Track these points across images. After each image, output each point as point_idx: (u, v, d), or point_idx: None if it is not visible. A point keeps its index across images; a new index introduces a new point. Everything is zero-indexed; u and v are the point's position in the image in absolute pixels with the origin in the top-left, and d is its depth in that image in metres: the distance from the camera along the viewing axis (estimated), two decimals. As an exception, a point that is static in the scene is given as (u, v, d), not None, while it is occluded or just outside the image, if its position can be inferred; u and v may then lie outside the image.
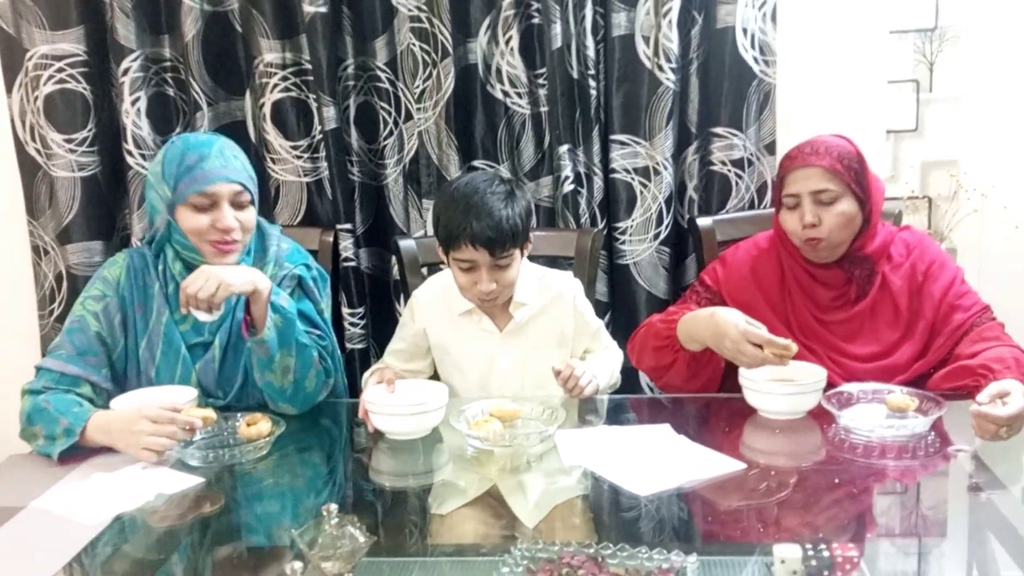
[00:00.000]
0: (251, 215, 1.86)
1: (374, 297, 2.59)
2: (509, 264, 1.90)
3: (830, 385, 1.76)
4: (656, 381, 2.06)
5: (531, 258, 2.45)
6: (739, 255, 2.06)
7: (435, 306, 2.05)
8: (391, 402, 1.72)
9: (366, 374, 1.99)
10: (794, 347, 1.70)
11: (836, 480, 1.51)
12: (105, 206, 2.54)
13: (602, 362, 2.02)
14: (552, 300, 2.02)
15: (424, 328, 2.06)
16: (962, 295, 1.91)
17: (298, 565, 1.08)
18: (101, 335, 1.84)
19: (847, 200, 1.86)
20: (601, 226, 2.47)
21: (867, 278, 1.92)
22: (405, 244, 2.31)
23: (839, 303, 1.94)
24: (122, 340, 1.87)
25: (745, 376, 1.75)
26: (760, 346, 1.70)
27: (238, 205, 1.82)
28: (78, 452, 1.67)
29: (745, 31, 2.37)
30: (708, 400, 1.98)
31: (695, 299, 2.04)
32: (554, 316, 2.03)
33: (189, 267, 1.83)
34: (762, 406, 1.74)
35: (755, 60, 2.39)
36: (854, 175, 1.86)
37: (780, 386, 1.71)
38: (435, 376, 2.11)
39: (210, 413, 1.68)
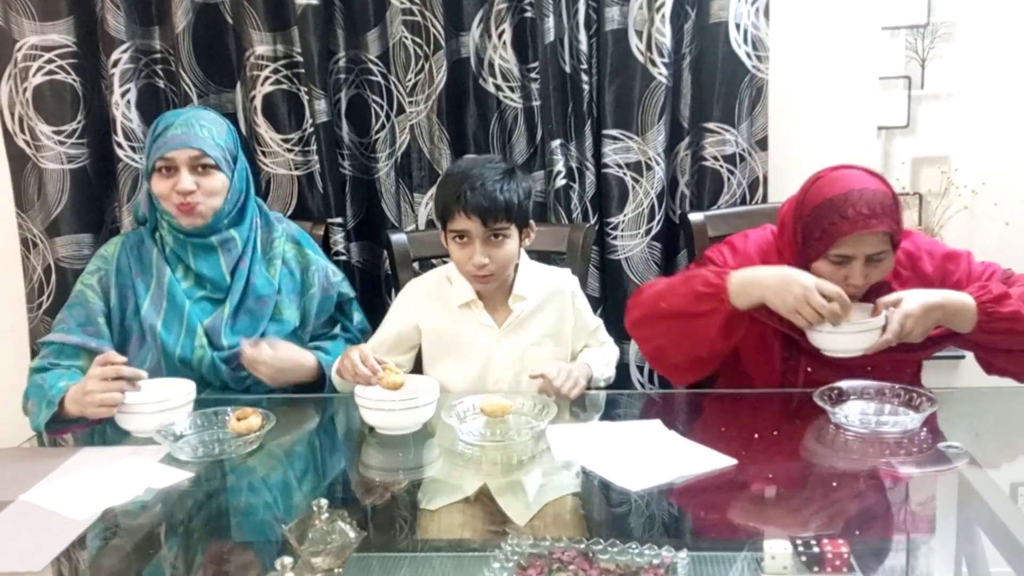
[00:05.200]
0: (215, 181, 1.94)
1: (365, 291, 2.58)
2: (504, 241, 1.90)
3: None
4: (663, 335, 1.90)
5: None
6: (750, 246, 1.97)
7: (431, 299, 2.04)
8: (382, 397, 1.71)
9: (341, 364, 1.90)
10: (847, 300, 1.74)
11: (827, 476, 1.52)
12: (94, 198, 2.53)
13: (596, 355, 2.02)
14: (551, 296, 2.03)
15: (416, 323, 2.05)
16: (983, 271, 1.88)
17: (288, 560, 1.08)
18: (99, 306, 1.97)
19: (891, 254, 1.80)
20: (593, 221, 2.47)
21: None
22: (396, 238, 2.31)
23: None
24: (117, 306, 1.98)
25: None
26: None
27: (200, 171, 1.92)
28: (62, 427, 1.78)
29: (738, 26, 2.37)
30: (699, 396, 1.97)
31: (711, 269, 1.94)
32: (553, 311, 2.03)
33: (177, 238, 1.98)
34: (824, 345, 1.76)
35: (748, 55, 2.39)
36: (899, 226, 1.78)
37: (846, 325, 1.73)
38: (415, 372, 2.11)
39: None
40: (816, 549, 1.17)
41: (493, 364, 2.00)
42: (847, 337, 1.74)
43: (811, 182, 1.84)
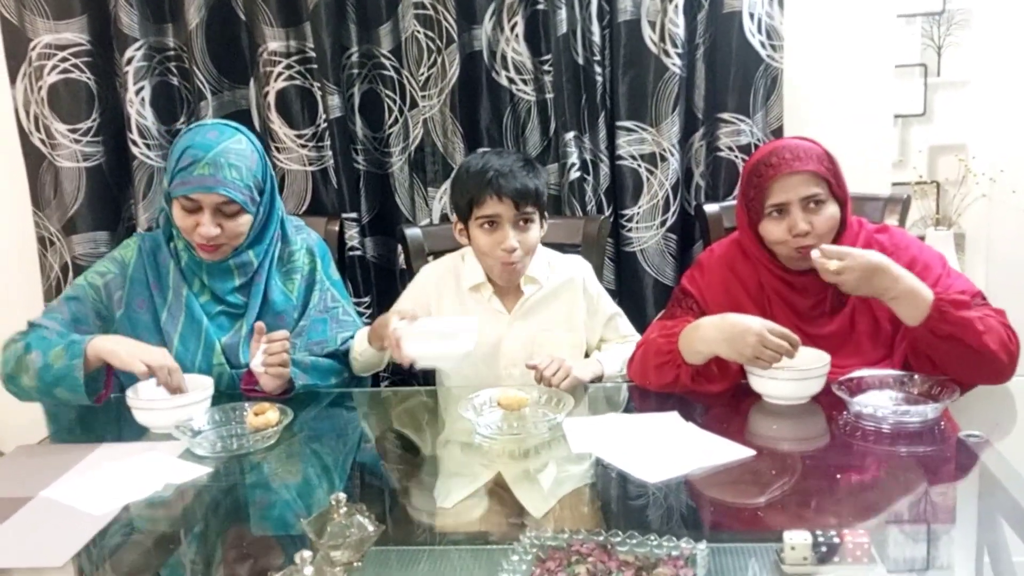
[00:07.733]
0: (241, 223, 1.87)
1: (380, 286, 2.58)
2: (530, 226, 1.96)
3: None
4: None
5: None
6: (715, 259, 1.98)
7: (443, 283, 2.08)
8: (422, 326, 1.73)
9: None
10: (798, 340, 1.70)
11: (846, 466, 1.51)
12: (110, 196, 2.54)
13: (613, 353, 2.04)
14: (562, 283, 2.07)
15: (430, 306, 2.06)
16: (947, 288, 1.77)
17: (307, 554, 1.08)
18: (97, 307, 1.92)
19: (832, 203, 1.80)
20: (608, 213, 2.46)
21: None
22: (411, 232, 2.31)
23: (817, 312, 1.86)
24: (126, 315, 1.92)
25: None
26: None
27: (226, 213, 1.84)
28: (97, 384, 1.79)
29: (752, 16, 2.36)
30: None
31: (681, 307, 1.96)
32: (564, 299, 2.06)
33: (193, 257, 1.92)
34: (768, 392, 1.73)
35: (762, 45, 2.37)
36: (834, 176, 1.80)
37: (786, 371, 1.70)
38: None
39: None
40: (836, 540, 1.16)
41: (504, 350, 2.02)
42: (786, 384, 1.70)
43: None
